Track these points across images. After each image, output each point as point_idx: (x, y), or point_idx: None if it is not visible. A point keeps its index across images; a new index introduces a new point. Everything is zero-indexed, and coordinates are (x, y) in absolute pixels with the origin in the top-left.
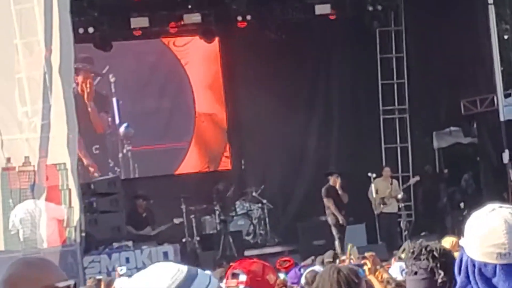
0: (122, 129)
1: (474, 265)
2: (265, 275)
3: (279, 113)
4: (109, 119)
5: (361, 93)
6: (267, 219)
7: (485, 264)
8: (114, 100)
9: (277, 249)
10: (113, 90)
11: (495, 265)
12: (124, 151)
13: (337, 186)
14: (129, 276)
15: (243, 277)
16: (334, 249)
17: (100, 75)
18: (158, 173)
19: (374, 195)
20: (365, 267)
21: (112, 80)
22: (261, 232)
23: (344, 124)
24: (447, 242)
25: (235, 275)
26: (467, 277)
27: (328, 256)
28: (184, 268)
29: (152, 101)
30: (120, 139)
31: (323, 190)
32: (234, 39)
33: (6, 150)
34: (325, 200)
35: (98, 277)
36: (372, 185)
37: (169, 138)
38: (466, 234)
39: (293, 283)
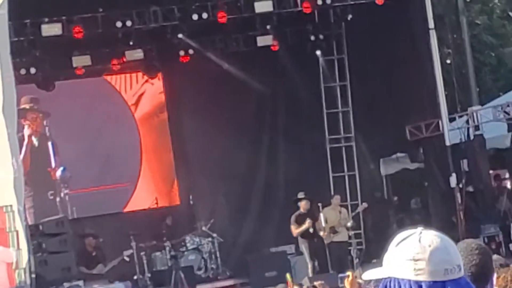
0: (58, 173)
1: (420, 287)
2: None
3: (226, 145)
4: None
5: (306, 123)
6: (217, 253)
7: (434, 282)
8: (50, 143)
9: (229, 282)
10: (47, 134)
11: (444, 282)
12: (62, 195)
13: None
14: None
15: None
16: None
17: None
18: (100, 213)
19: (323, 224)
20: None
21: (45, 123)
22: (213, 266)
23: (291, 155)
24: None
25: None
26: None
27: None
28: None
29: (92, 142)
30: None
31: (293, 217)
32: (178, 73)
33: None
34: (292, 227)
35: None
36: (321, 215)
37: (112, 178)
38: (404, 256)
39: None
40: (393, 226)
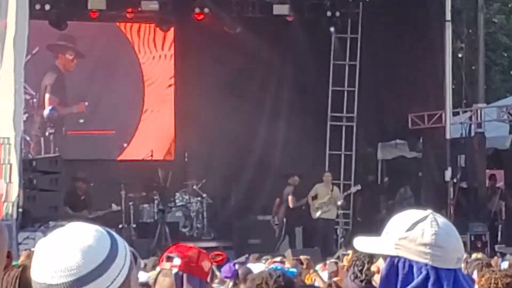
0: (46, 112)
1: (436, 272)
2: (200, 261)
3: (228, 108)
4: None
5: (311, 97)
6: (205, 213)
7: (448, 270)
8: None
9: (212, 244)
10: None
11: (455, 270)
12: (47, 134)
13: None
14: None
15: (177, 261)
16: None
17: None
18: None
19: (311, 200)
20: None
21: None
22: (198, 225)
23: (291, 126)
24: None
25: (169, 258)
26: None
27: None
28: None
29: (97, 88)
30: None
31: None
32: (190, 30)
33: None
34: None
35: (33, 249)
36: (312, 190)
37: (114, 124)
38: (425, 242)
39: (226, 277)
40: (383, 211)
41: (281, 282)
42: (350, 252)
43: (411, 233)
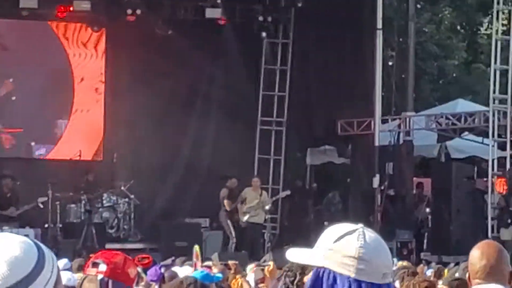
0: None
1: (360, 286)
2: (126, 268)
3: (158, 110)
4: None
5: (241, 101)
6: (132, 215)
7: (372, 284)
8: None
9: (139, 245)
10: None
11: (380, 285)
12: None
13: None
14: None
15: (103, 267)
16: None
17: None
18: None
19: (239, 204)
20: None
21: None
22: (125, 227)
23: (221, 129)
24: None
25: (95, 264)
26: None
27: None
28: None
29: (25, 84)
30: None
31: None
32: (122, 31)
33: None
34: (226, 202)
35: None
36: (241, 194)
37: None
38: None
39: (152, 280)
40: (310, 216)
41: None
42: (271, 263)
43: (337, 244)
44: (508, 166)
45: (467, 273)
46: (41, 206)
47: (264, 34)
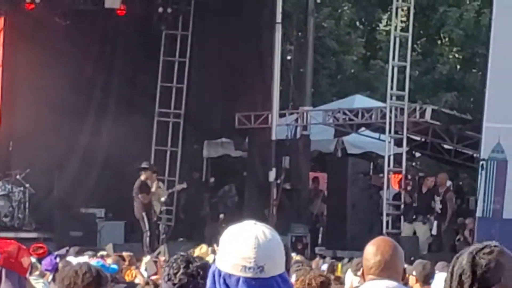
0: None
1: (220, 275)
2: (20, 257)
3: (56, 99)
4: None
5: (139, 92)
6: (27, 204)
7: (230, 275)
8: None
9: (33, 234)
10: None
11: (239, 277)
12: None
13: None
14: None
15: None
16: (150, 245)
17: None
18: None
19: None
20: (120, 265)
21: None
22: (20, 215)
23: (118, 120)
24: (201, 249)
25: None
26: (214, 285)
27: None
28: None
29: None
30: None
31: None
32: (20, 20)
33: None
34: (140, 196)
35: None
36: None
37: None
38: (220, 245)
39: (46, 269)
40: (206, 209)
41: (89, 279)
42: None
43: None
44: (403, 162)
45: (361, 268)
46: None
47: (163, 25)
